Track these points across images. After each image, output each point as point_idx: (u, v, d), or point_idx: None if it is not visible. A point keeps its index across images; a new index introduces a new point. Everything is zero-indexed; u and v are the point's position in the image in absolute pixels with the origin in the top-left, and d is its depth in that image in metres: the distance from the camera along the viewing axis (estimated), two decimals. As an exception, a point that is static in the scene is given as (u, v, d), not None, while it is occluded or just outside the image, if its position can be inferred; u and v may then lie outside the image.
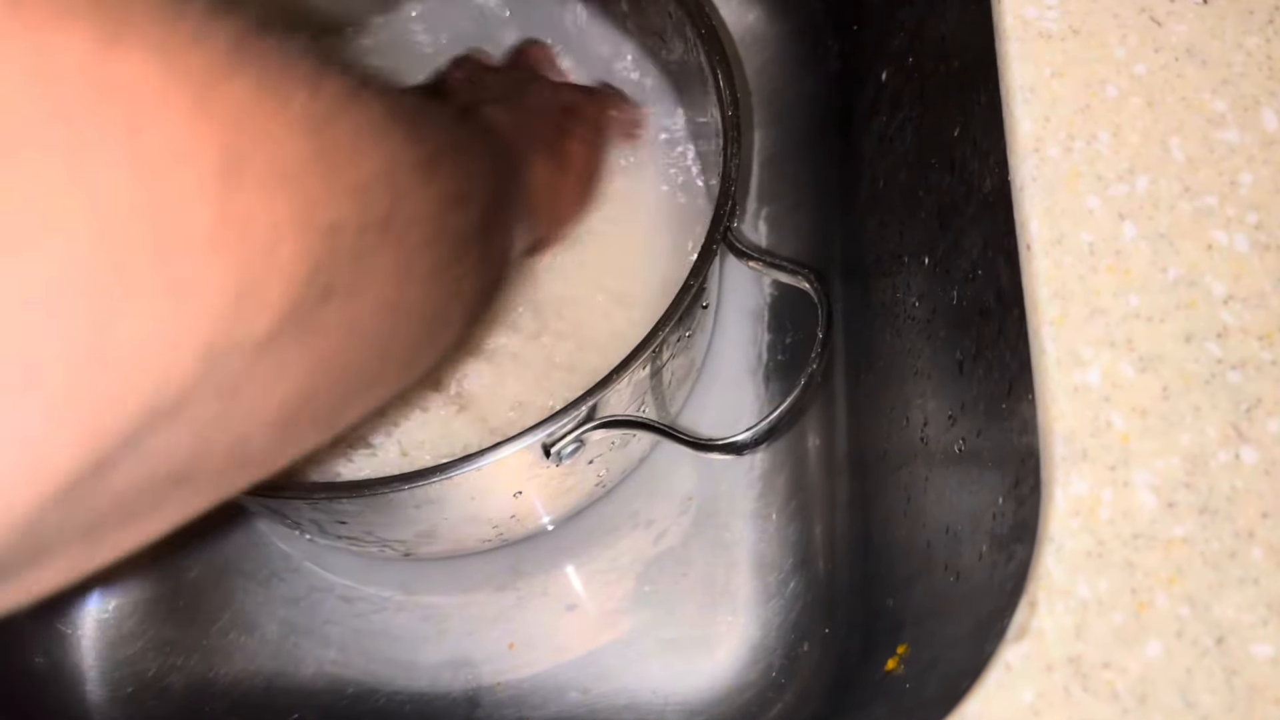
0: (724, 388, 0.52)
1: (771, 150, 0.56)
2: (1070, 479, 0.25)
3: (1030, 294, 0.28)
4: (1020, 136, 0.29)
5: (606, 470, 0.46)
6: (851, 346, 0.50)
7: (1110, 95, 0.30)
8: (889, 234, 0.45)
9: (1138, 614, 0.24)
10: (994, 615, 0.28)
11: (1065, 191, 0.28)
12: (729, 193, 0.39)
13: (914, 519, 0.40)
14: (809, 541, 0.49)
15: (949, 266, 0.37)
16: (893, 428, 0.43)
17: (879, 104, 0.47)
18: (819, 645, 0.47)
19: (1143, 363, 0.26)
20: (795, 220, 0.55)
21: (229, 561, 0.51)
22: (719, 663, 0.48)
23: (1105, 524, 0.25)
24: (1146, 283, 0.27)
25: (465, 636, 0.49)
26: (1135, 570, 0.24)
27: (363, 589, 0.50)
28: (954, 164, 0.37)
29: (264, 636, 0.49)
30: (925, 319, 0.39)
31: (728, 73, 0.41)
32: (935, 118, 0.39)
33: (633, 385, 0.39)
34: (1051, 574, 0.25)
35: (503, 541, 0.47)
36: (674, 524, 0.50)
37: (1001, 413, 0.31)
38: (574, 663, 0.48)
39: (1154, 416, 0.26)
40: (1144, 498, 0.25)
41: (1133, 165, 0.29)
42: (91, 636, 0.50)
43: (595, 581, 0.49)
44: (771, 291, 0.54)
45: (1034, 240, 0.28)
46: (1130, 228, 0.28)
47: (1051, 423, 0.26)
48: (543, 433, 0.37)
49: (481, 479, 0.38)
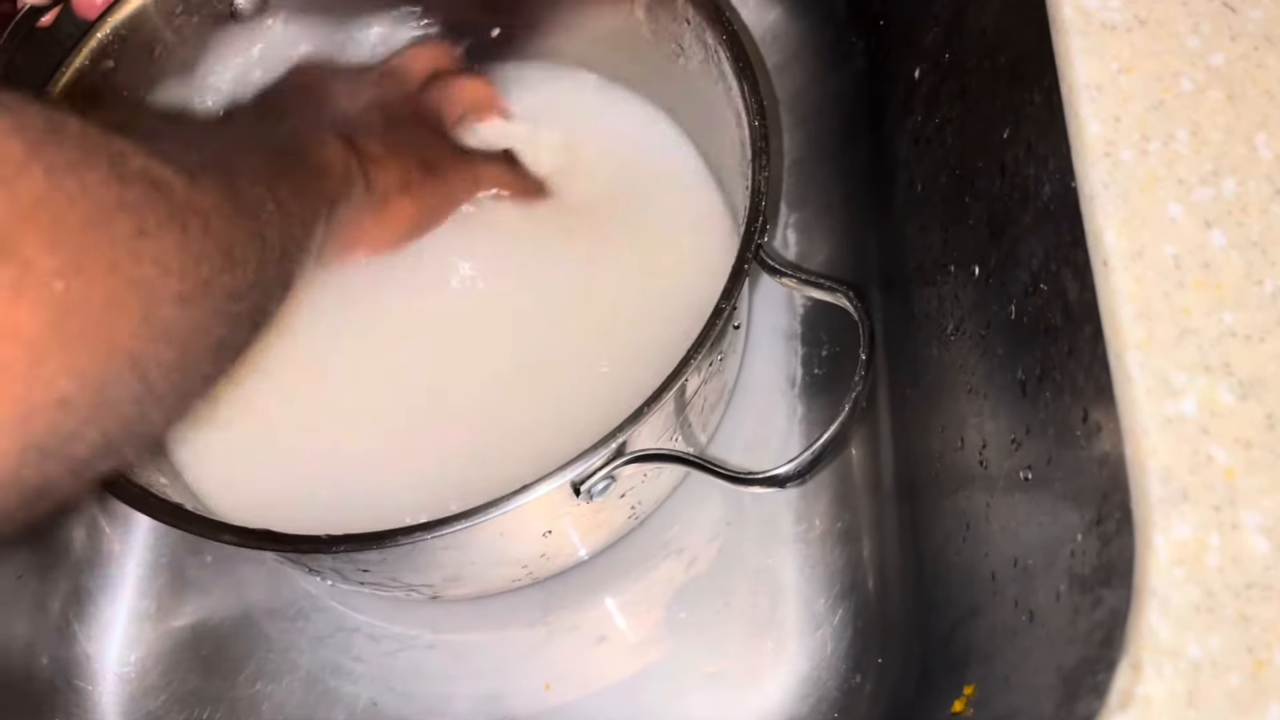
0: (758, 408, 0.49)
1: (798, 154, 0.54)
2: (1170, 522, 0.23)
3: (1109, 314, 0.25)
4: (1087, 139, 0.27)
5: (639, 503, 0.43)
6: (894, 360, 0.48)
7: (1186, 90, 0.27)
8: (931, 241, 0.42)
9: (1255, 674, 0.21)
10: (1083, 669, 0.26)
11: (1143, 198, 0.26)
12: (759, 208, 0.37)
13: (975, 547, 0.37)
14: (856, 566, 0.47)
15: (1004, 279, 0.34)
16: (945, 448, 0.40)
17: (912, 103, 0.45)
18: (873, 677, 0.45)
19: (1243, 388, 0.24)
20: (826, 226, 0.52)
21: (252, 605, 0.49)
22: (767, 697, 0.46)
23: (1214, 572, 0.22)
24: (1241, 297, 0.24)
25: (497, 674, 0.47)
26: (1250, 624, 0.22)
27: (390, 628, 0.48)
28: (1004, 168, 0.34)
29: (292, 684, 0.47)
30: (978, 334, 0.37)
31: (753, 81, 0.39)
32: (980, 118, 0.37)
33: (663, 416, 0.37)
34: (1156, 632, 0.22)
35: (532, 580, 0.45)
36: (710, 550, 0.48)
37: (1076, 440, 0.28)
38: (614, 701, 0.46)
39: (1260, 448, 0.23)
40: (1255, 541, 0.22)
41: (1216, 166, 0.26)
42: (113, 693, 0.49)
43: (630, 614, 0.47)
44: (804, 303, 0.51)
45: (1110, 254, 0.26)
46: (1219, 236, 0.25)
47: (1144, 459, 0.24)
48: (572, 472, 0.35)
49: (508, 521, 0.36)
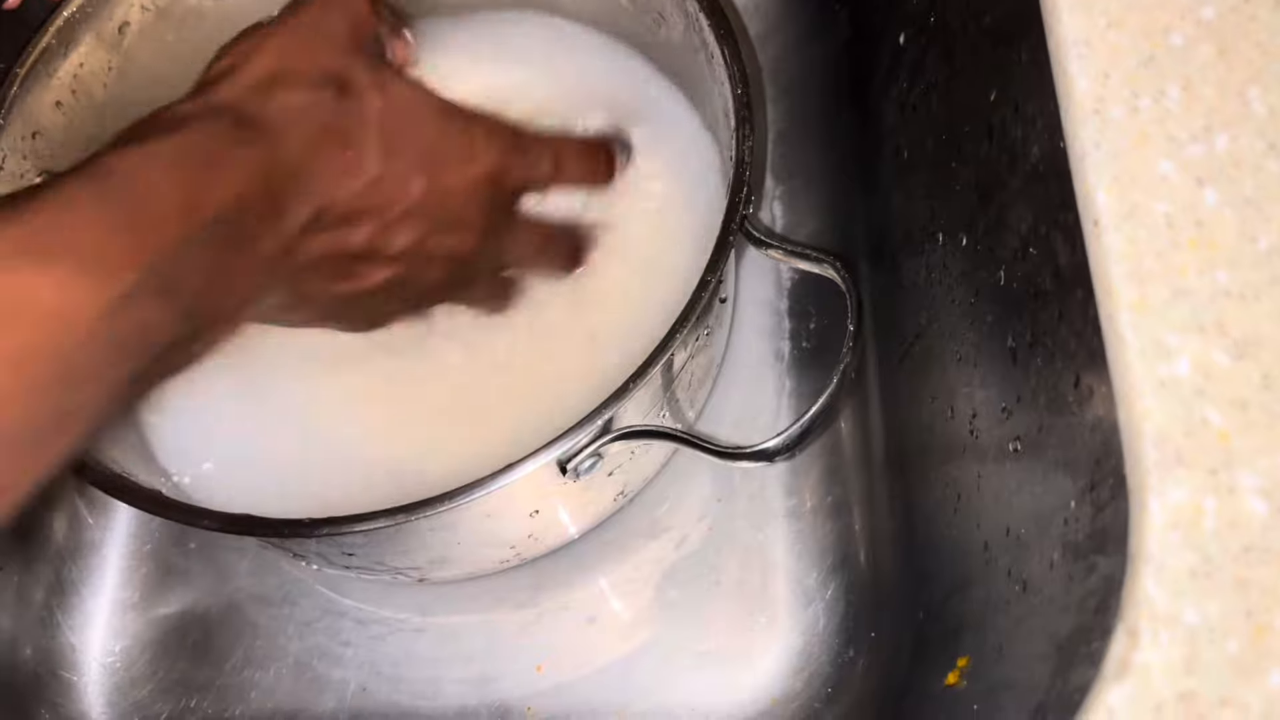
0: (747, 383, 0.49)
1: (782, 125, 0.53)
2: (1165, 486, 0.22)
3: (1101, 275, 0.25)
4: (1076, 97, 0.26)
5: (627, 481, 0.43)
6: (883, 331, 0.47)
7: (1176, 44, 0.26)
8: (918, 209, 0.41)
9: (1255, 640, 0.21)
10: (1078, 637, 0.25)
11: (1134, 157, 0.25)
12: (744, 179, 0.36)
13: (966, 518, 0.36)
14: (848, 540, 0.47)
15: (993, 244, 0.34)
16: (935, 419, 0.40)
17: (898, 70, 0.44)
18: (866, 652, 0.44)
19: (1238, 348, 0.23)
20: (812, 198, 0.52)
21: (237, 591, 0.48)
22: (760, 674, 0.45)
23: (1211, 537, 0.22)
24: (1235, 255, 0.24)
25: (487, 656, 0.46)
26: (1249, 589, 0.21)
27: (378, 611, 0.47)
28: (992, 131, 0.34)
29: (280, 671, 0.47)
30: (967, 302, 0.36)
31: (734, 48, 0.38)
32: (966, 81, 0.36)
33: (650, 391, 0.36)
34: (1152, 599, 0.21)
35: (521, 561, 0.45)
36: (700, 528, 0.47)
37: (1068, 406, 0.28)
38: (607, 682, 0.46)
39: (1256, 409, 0.23)
40: (1252, 504, 0.22)
41: (1209, 122, 0.25)
42: (99, 683, 0.48)
43: (621, 593, 0.47)
44: (791, 276, 0.50)
45: (1101, 214, 0.25)
46: (1211, 194, 0.25)
47: (1137, 422, 0.23)
48: (557, 450, 0.34)
49: (494, 501, 0.35)
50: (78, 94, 0.41)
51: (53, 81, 0.40)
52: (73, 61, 0.40)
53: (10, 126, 0.39)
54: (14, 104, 0.39)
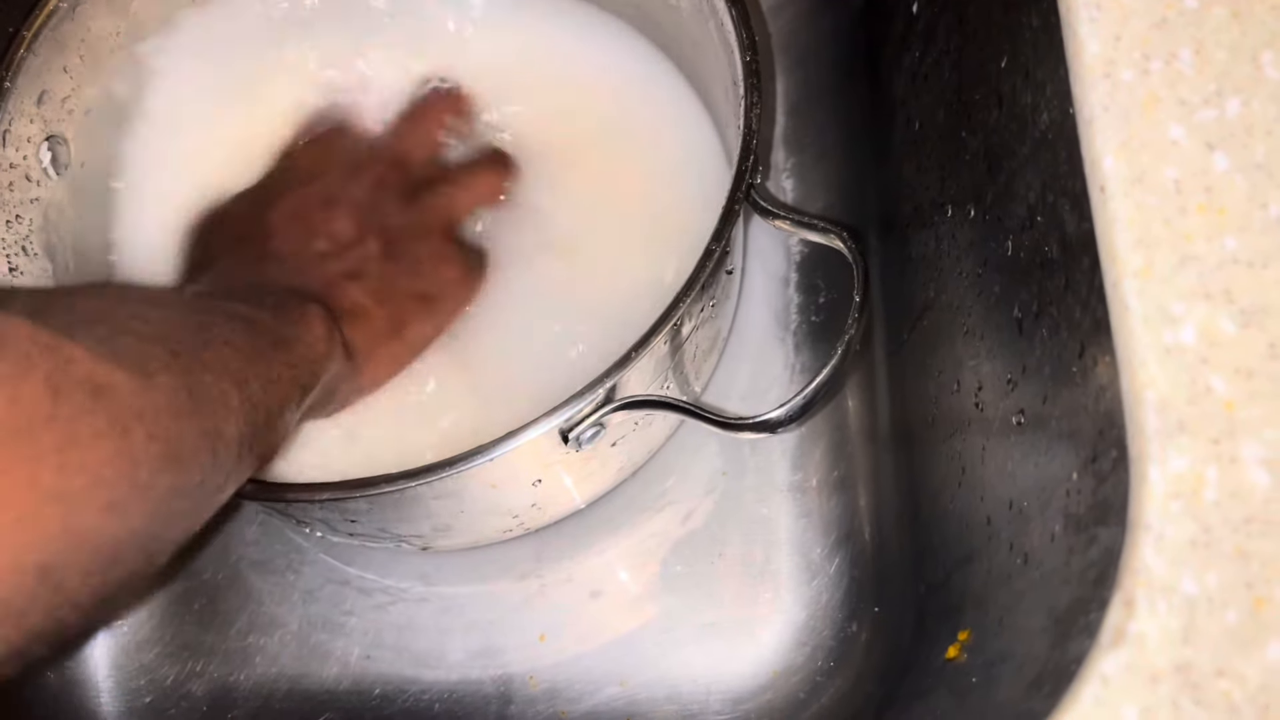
0: (754, 356, 0.48)
1: (794, 98, 0.52)
2: (1167, 455, 0.22)
3: (1106, 242, 0.24)
4: (1086, 60, 0.26)
5: (631, 452, 0.43)
6: (891, 305, 0.46)
7: (1189, 6, 0.26)
8: (928, 180, 0.41)
9: (1254, 612, 0.21)
10: (1076, 608, 0.25)
11: (1143, 121, 0.25)
12: (750, 147, 0.36)
13: (970, 492, 0.36)
14: (853, 515, 0.46)
15: (1001, 214, 0.33)
16: (941, 392, 0.39)
17: (910, 39, 0.43)
18: (869, 626, 0.44)
19: (1245, 316, 0.23)
20: (823, 172, 0.51)
21: (241, 558, 0.48)
22: (763, 647, 0.45)
23: (1211, 507, 0.21)
24: (1245, 222, 0.23)
25: (491, 626, 0.46)
26: (1249, 560, 0.21)
27: (381, 580, 0.48)
28: (1002, 98, 0.33)
29: (284, 636, 0.47)
30: (975, 273, 0.36)
31: (744, 13, 0.37)
32: (978, 48, 0.35)
33: (654, 361, 0.36)
34: (1150, 568, 0.21)
35: (525, 531, 0.45)
36: (705, 501, 0.47)
37: (1072, 377, 0.28)
38: (610, 653, 0.46)
39: (1261, 378, 0.22)
40: (1254, 475, 0.22)
41: (1220, 87, 0.25)
42: (104, 646, 0.48)
43: (625, 565, 0.47)
44: (799, 249, 0.50)
45: (1108, 180, 0.24)
46: (1222, 159, 0.24)
47: (1140, 390, 0.23)
48: (559, 418, 0.34)
49: (496, 470, 0.35)
50: (85, 58, 0.41)
51: (60, 45, 0.40)
52: (80, 25, 0.40)
53: (18, 90, 0.39)
54: (21, 67, 0.39)
